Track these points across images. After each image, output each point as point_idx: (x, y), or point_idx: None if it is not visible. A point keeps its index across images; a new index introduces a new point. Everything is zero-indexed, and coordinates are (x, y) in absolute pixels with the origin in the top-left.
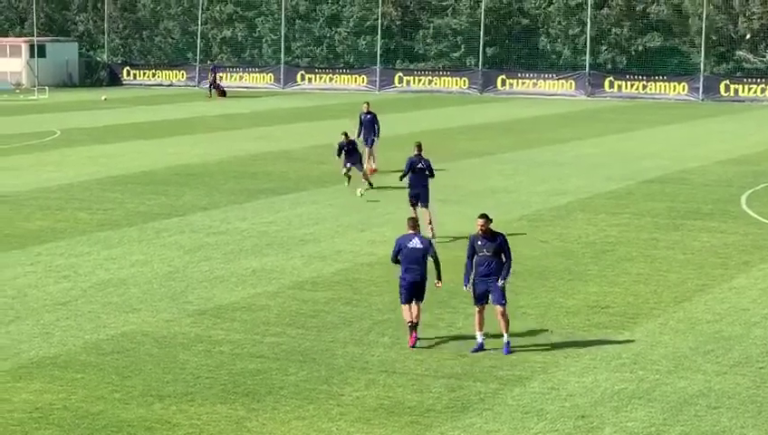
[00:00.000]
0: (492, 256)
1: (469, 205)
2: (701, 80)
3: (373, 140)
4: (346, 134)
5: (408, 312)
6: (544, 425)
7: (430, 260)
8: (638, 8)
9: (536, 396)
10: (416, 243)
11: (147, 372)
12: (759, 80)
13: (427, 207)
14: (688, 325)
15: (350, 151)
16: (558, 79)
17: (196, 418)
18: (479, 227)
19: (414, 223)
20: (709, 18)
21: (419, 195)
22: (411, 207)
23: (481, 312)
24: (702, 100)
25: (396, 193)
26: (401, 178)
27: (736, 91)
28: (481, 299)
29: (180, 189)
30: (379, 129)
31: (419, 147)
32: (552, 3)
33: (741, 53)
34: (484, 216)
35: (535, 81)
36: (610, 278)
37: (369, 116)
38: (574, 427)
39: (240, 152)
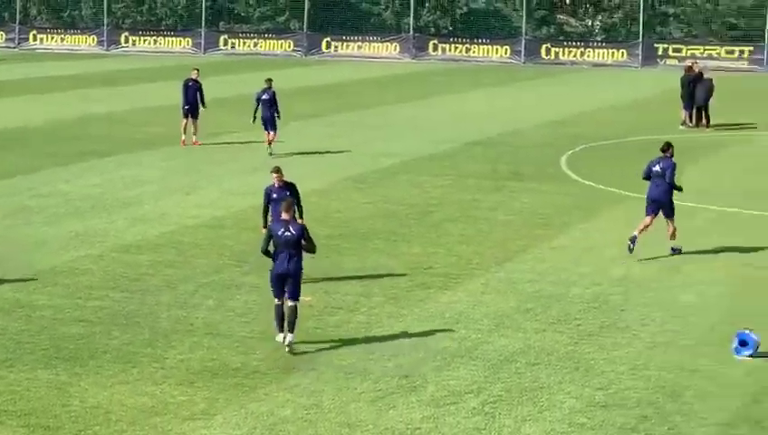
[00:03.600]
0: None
1: (294, 167)
2: (523, 43)
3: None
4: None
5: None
6: (368, 385)
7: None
8: None
9: (360, 356)
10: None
11: None
12: (579, 43)
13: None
14: (509, 285)
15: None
16: (382, 42)
17: (17, 384)
18: (275, 180)
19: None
20: None
21: (267, 122)
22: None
23: None
24: (524, 63)
25: (224, 155)
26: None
27: (557, 54)
28: None
29: None
30: (203, 97)
31: (269, 81)
32: None
33: (562, 16)
34: (277, 169)
35: (360, 44)
36: (433, 239)
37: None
38: (398, 386)
39: (62, 115)
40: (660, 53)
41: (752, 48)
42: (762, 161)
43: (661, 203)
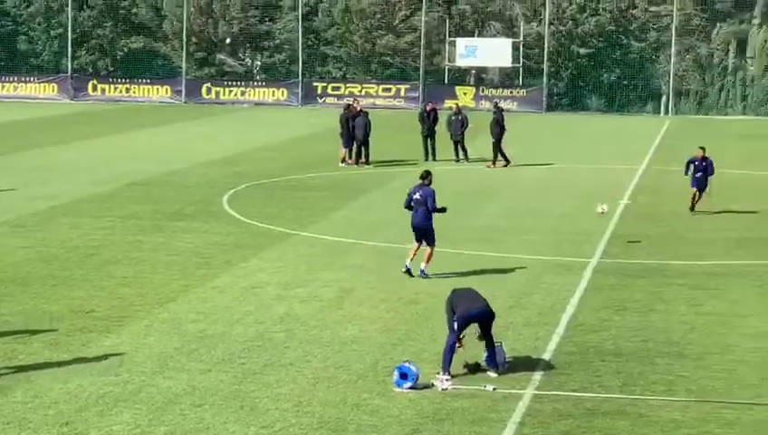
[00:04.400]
0: None
1: None
2: (183, 83)
3: None
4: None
5: None
6: (28, 434)
7: None
8: (120, 10)
9: (18, 406)
10: None
11: None
12: (239, 83)
13: None
14: (173, 326)
15: None
16: (39, 82)
17: None
18: None
19: None
20: (190, 21)
21: None
22: None
23: None
24: (185, 102)
25: None
26: None
27: (218, 93)
28: None
29: None
30: None
31: None
32: (31, 4)
33: (222, 56)
34: None
35: (16, 84)
36: (95, 282)
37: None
38: (59, 434)
39: None
40: (320, 91)
41: (408, 86)
42: None
43: (421, 229)
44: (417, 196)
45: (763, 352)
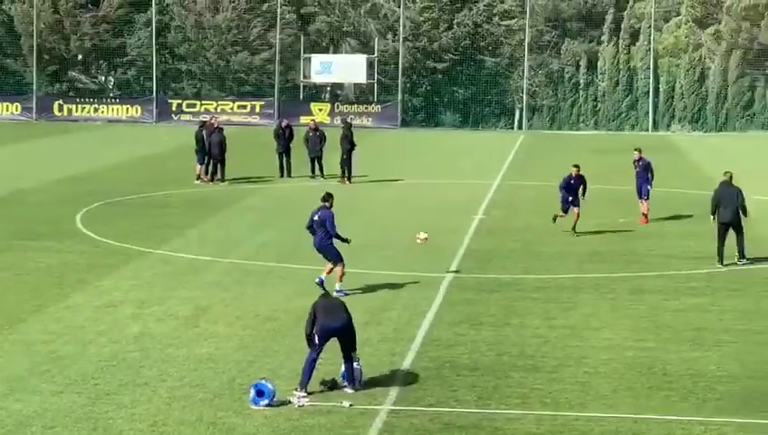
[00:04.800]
0: None
1: None
2: (34, 99)
3: None
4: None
5: None
6: None
7: None
8: None
9: None
10: None
11: None
12: (92, 100)
13: None
14: (24, 346)
15: None
16: None
17: None
18: None
19: None
20: (41, 37)
21: None
22: None
23: None
24: (36, 119)
25: None
26: None
27: (70, 110)
28: None
29: None
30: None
31: None
32: None
33: (74, 73)
34: None
35: None
36: None
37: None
38: None
39: None
40: (175, 108)
41: (263, 103)
42: (270, 214)
43: (321, 250)
44: (316, 217)
45: (615, 364)
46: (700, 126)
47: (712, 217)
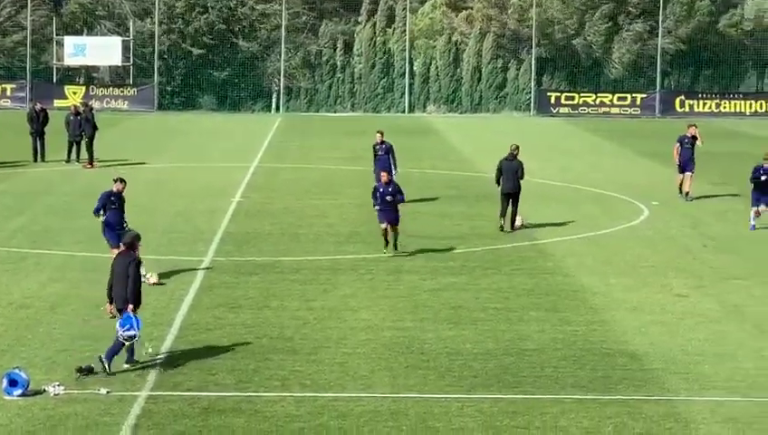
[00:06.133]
0: None
1: None
2: None
3: None
4: None
5: None
6: None
7: None
8: None
9: None
10: None
11: None
12: None
13: None
14: None
15: None
16: None
17: None
18: None
19: None
20: None
21: None
22: None
23: None
24: None
25: None
26: None
27: None
28: None
29: None
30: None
31: None
32: None
33: None
34: None
35: None
36: None
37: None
38: None
39: None
40: None
41: (14, 85)
42: (24, 199)
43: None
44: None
45: (374, 344)
46: (455, 107)
47: (497, 185)
